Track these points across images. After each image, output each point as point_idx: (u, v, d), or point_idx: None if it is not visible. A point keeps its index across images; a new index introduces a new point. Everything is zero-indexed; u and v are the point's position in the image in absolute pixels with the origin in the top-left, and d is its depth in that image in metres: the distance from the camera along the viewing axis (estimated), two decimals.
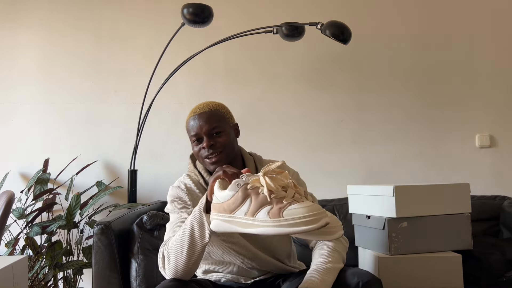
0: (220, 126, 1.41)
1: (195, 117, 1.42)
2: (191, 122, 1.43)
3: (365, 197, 1.86)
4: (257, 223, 1.06)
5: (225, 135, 1.41)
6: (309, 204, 1.02)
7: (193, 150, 1.44)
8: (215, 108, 1.45)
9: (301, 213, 1.01)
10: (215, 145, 1.39)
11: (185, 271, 1.28)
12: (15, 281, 1.43)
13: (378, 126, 2.67)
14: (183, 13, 2.24)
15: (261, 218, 1.06)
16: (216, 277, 1.49)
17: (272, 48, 2.67)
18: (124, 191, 2.53)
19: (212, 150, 1.39)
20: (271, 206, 1.05)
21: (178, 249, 1.27)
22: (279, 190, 1.06)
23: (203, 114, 1.42)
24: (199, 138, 1.41)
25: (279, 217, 1.03)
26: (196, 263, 1.29)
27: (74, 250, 2.43)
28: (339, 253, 1.37)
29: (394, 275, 1.64)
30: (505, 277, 1.81)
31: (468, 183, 1.80)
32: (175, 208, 1.43)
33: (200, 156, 1.42)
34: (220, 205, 1.14)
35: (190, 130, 1.43)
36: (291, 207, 1.03)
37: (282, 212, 1.02)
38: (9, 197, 1.84)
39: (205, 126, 1.40)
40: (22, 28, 2.71)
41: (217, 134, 1.40)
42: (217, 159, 1.39)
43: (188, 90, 2.69)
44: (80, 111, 2.69)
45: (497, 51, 2.70)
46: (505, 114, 2.67)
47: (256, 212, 1.06)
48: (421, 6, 2.72)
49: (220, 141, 1.40)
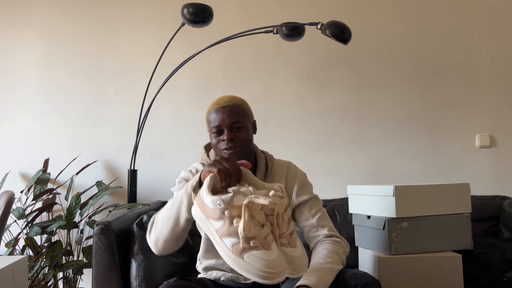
0: (241, 122, 1.44)
1: (218, 109, 1.44)
2: (213, 114, 1.45)
3: (365, 197, 1.86)
4: (222, 246, 1.07)
5: (245, 131, 1.45)
6: (272, 257, 1.02)
7: (212, 141, 1.46)
8: (238, 103, 1.47)
9: (260, 265, 1.01)
10: (235, 139, 1.42)
11: (165, 241, 1.32)
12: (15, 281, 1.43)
13: (378, 126, 2.67)
14: (183, 13, 2.24)
15: (226, 244, 1.06)
16: (216, 275, 1.49)
17: (272, 48, 2.67)
18: (124, 191, 2.53)
19: (232, 144, 1.41)
20: (237, 240, 1.04)
21: (165, 218, 1.31)
22: (249, 230, 1.03)
23: (226, 108, 1.44)
24: (219, 130, 1.43)
25: (239, 256, 1.03)
26: (178, 238, 1.32)
27: (74, 250, 2.43)
28: (338, 255, 1.37)
29: (394, 275, 1.64)
30: (505, 277, 1.81)
31: (468, 183, 1.80)
32: (179, 186, 1.47)
33: (218, 148, 1.45)
34: (202, 203, 1.14)
35: (211, 121, 1.45)
36: (253, 253, 1.02)
37: (244, 254, 1.03)
38: (9, 197, 1.84)
39: (228, 119, 1.42)
40: (22, 28, 2.71)
41: (237, 129, 1.43)
42: (234, 151, 1.41)
43: (188, 90, 2.69)
44: (80, 111, 2.69)
45: (497, 51, 2.70)
46: (505, 114, 2.67)
47: (224, 237, 1.07)
48: (421, 6, 2.72)
49: (240, 136, 1.43)
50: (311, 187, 1.53)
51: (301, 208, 1.49)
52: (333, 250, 1.37)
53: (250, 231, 1.03)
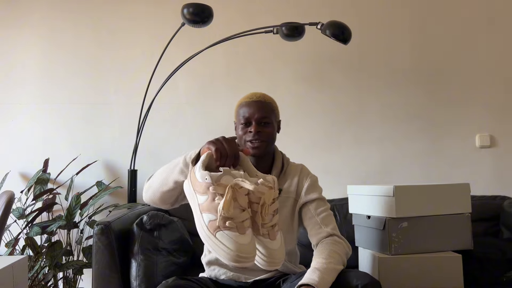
0: (269, 118, 1.51)
1: (250, 103, 1.51)
2: (244, 107, 1.51)
3: (365, 197, 1.86)
4: (200, 220, 1.10)
5: (272, 127, 1.52)
6: (244, 241, 1.04)
7: (238, 132, 1.52)
8: (269, 100, 1.55)
9: (230, 245, 1.03)
10: (261, 133, 1.48)
11: (154, 193, 1.39)
12: (15, 281, 1.43)
13: (378, 126, 2.67)
14: (183, 13, 2.24)
15: (204, 218, 1.09)
16: (217, 273, 1.49)
17: (272, 48, 2.67)
18: (124, 191, 2.53)
19: (257, 136, 1.48)
20: (215, 217, 1.07)
21: (162, 170, 1.39)
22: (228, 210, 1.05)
23: (258, 102, 1.51)
24: (248, 122, 1.49)
25: (212, 232, 1.06)
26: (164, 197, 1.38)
27: (74, 250, 2.43)
28: (340, 256, 1.38)
29: (394, 275, 1.64)
30: (505, 277, 1.81)
31: (468, 183, 1.80)
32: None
33: (243, 139, 1.49)
34: (193, 177, 1.18)
35: (241, 113, 1.51)
36: (226, 233, 1.05)
37: (217, 231, 1.05)
38: (9, 197, 1.84)
39: (258, 113, 1.49)
40: (22, 28, 2.71)
41: (265, 124, 1.50)
42: (258, 145, 1.48)
43: (188, 90, 2.69)
44: (80, 111, 2.68)
45: (497, 51, 2.70)
46: (505, 114, 2.67)
47: (204, 212, 1.10)
48: (421, 6, 2.72)
49: (267, 131, 1.50)
50: (320, 190, 1.58)
51: (307, 206, 1.51)
52: (334, 250, 1.38)
53: (229, 211, 1.05)
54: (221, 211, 1.05)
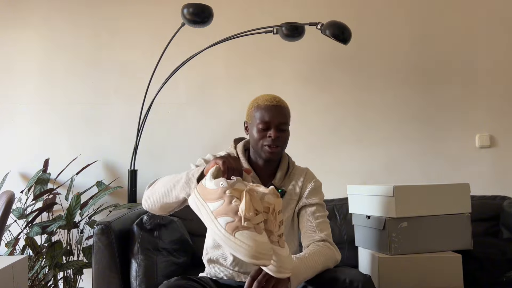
0: (287, 123, 1.51)
1: (271, 108, 1.48)
2: (263, 110, 1.49)
3: (365, 197, 1.86)
4: (215, 224, 1.13)
5: (288, 133, 1.53)
6: (262, 239, 1.07)
7: (253, 135, 1.50)
8: (286, 106, 1.53)
9: (249, 243, 1.06)
10: (280, 138, 1.48)
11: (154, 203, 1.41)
12: (15, 281, 1.43)
13: (378, 126, 2.67)
14: (183, 13, 2.24)
15: (220, 223, 1.12)
16: (217, 270, 1.50)
17: (272, 48, 2.67)
18: (124, 191, 2.53)
19: (276, 142, 1.47)
20: (232, 219, 1.10)
21: (163, 182, 1.39)
22: (249, 210, 1.10)
23: (279, 107, 1.49)
24: (267, 127, 1.48)
25: (231, 233, 1.09)
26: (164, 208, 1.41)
27: (74, 250, 2.43)
28: (325, 259, 1.38)
29: (394, 275, 1.65)
30: (505, 277, 1.81)
31: (468, 183, 1.80)
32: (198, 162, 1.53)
33: (260, 143, 1.49)
34: (203, 187, 1.22)
35: (260, 117, 1.48)
36: (245, 232, 1.08)
37: (236, 231, 1.08)
38: (9, 197, 1.84)
39: (279, 118, 1.48)
40: (22, 28, 2.71)
41: (283, 130, 1.50)
42: (276, 150, 1.48)
43: (188, 90, 2.69)
44: (80, 111, 2.68)
45: (497, 51, 2.70)
46: (505, 114, 2.67)
47: (220, 216, 1.13)
48: (421, 6, 2.72)
49: (284, 136, 1.50)
50: (322, 195, 1.58)
51: (306, 209, 1.52)
52: (322, 252, 1.39)
53: (249, 212, 1.09)
54: (243, 212, 1.09)
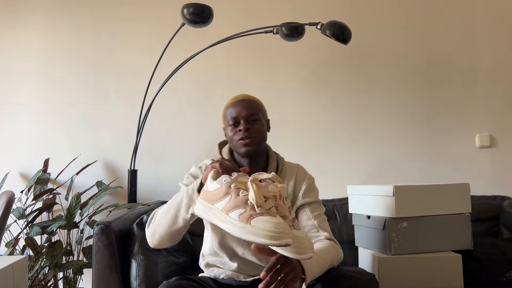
0: (257, 114, 1.51)
1: (235, 103, 1.51)
2: (230, 108, 1.51)
3: (365, 197, 1.86)
4: (228, 220, 1.12)
5: (260, 124, 1.51)
6: (278, 221, 1.06)
7: (227, 134, 1.52)
8: (254, 99, 1.55)
9: (266, 226, 1.05)
10: (251, 129, 1.47)
11: (161, 235, 1.38)
12: (15, 281, 1.43)
13: (378, 126, 2.67)
14: (183, 13, 2.24)
15: (232, 217, 1.11)
16: (216, 273, 1.50)
17: (272, 48, 2.67)
18: (124, 191, 2.53)
19: (247, 133, 1.46)
20: (244, 210, 1.10)
21: (164, 212, 1.37)
22: (259, 198, 1.10)
23: (243, 101, 1.51)
24: (236, 122, 1.49)
25: (246, 222, 1.08)
26: (174, 235, 1.38)
27: (74, 250, 2.43)
28: (332, 257, 1.38)
29: (394, 275, 1.65)
30: (505, 277, 1.81)
31: (468, 183, 1.80)
32: (186, 181, 1.52)
33: (234, 139, 1.49)
34: (206, 192, 1.21)
35: (228, 115, 1.51)
36: (260, 218, 1.07)
37: (251, 220, 1.07)
38: (9, 197, 1.84)
39: (244, 111, 1.49)
40: (22, 28, 2.71)
41: (253, 121, 1.49)
42: (250, 141, 1.47)
43: (188, 90, 2.69)
44: (80, 111, 2.69)
45: (497, 51, 2.70)
46: (505, 114, 2.67)
47: (230, 211, 1.12)
48: (421, 6, 2.72)
49: (256, 127, 1.49)
50: (317, 192, 1.57)
51: (304, 208, 1.52)
52: (330, 251, 1.39)
53: (260, 198, 1.10)
54: (254, 200, 1.09)
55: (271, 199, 1.12)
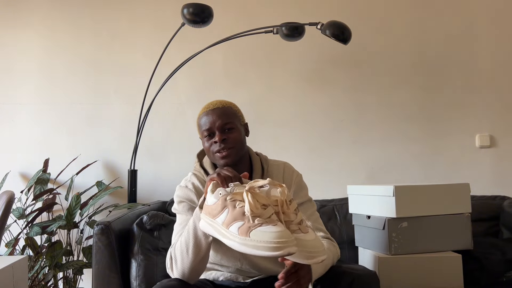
0: (232, 122, 1.44)
1: (208, 112, 1.44)
2: (203, 118, 1.45)
3: (365, 197, 1.86)
4: (229, 235, 1.07)
5: (237, 132, 1.44)
6: (278, 229, 1.01)
7: (204, 145, 1.46)
8: (228, 105, 1.48)
9: (265, 238, 1.00)
10: (227, 140, 1.41)
11: (192, 270, 1.28)
12: (15, 281, 1.43)
13: (378, 126, 2.67)
14: (183, 13, 2.24)
15: (232, 231, 1.06)
16: (215, 275, 1.49)
17: (272, 48, 2.67)
18: (124, 191, 2.53)
19: (224, 144, 1.40)
20: (242, 222, 1.05)
21: (183, 249, 1.27)
22: (256, 207, 1.05)
23: (216, 110, 1.44)
24: (211, 133, 1.43)
25: (246, 235, 1.03)
26: (203, 262, 1.29)
27: (74, 250, 2.43)
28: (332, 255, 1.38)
29: (394, 275, 1.64)
30: (505, 277, 1.81)
31: (468, 183, 1.80)
32: (183, 208, 1.44)
33: (210, 151, 1.43)
34: (207, 207, 1.17)
35: (202, 125, 1.45)
36: (259, 229, 1.02)
37: (250, 232, 1.03)
38: (9, 197, 1.84)
39: (218, 121, 1.42)
40: (22, 28, 2.71)
41: (229, 130, 1.42)
42: (227, 153, 1.40)
43: (188, 90, 2.69)
44: (80, 111, 2.69)
45: (497, 51, 2.70)
46: (505, 114, 2.67)
47: (230, 225, 1.07)
48: (421, 6, 2.72)
49: (232, 137, 1.42)
50: (307, 190, 1.54)
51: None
52: (330, 249, 1.38)
53: (257, 209, 1.04)
54: (249, 212, 1.05)
55: (271, 206, 1.08)
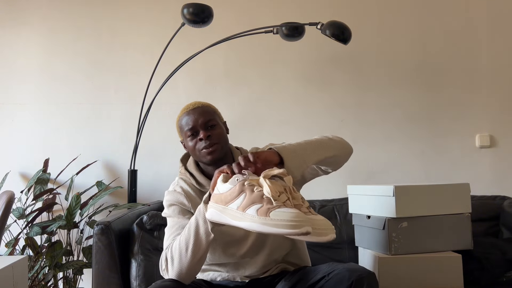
0: (214, 119, 1.46)
1: (189, 113, 1.46)
2: (184, 118, 1.46)
3: (365, 197, 1.86)
4: (245, 217, 1.11)
5: (220, 128, 1.47)
6: (295, 211, 1.07)
7: (188, 146, 1.46)
8: (207, 104, 1.51)
9: (286, 217, 1.05)
10: (212, 136, 1.43)
11: (190, 270, 1.28)
12: (15, 281, 1.43)
13: (378, 126, 2.67)
14: (183, 13, 2.24)
15: (249, 213, 1.11)
16: (213, 276, 1.49)
17: (272, 48, 2.67)
18: (124, 191, 2.53)
19: (209, 141, 1.42)
20: (261, 204, 1.10)
21: (182, 248, 1.27)
22: (274, 192, 1.11)
23: (197, 109, 1.47)
24: (194, 132, 1.44)
25: (266, 216, 1.08)
26: (200, 261, 1.29)
27: (74, 250, 2.43)
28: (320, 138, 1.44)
29: (394, 275, 1.64)
30: (505, 277, 1.81)
31: (468, 183, 1.80)
32: (173, 212, 1.45)
33: (196, 150, 1.44)
34: (218, 195, 1.20)
35: (184, 126, 1.46)
36: (278, 210, 1.08)
37: (270, 212, 1.07)
38: (9, 197, 1.84)
39: (201, 118, 1.44)
40: (22, 27, 2.71)
41: (212, 127, 1.45)
42: (213, 149, 1.42)
43: (188, 90, 2.69)
44: (80, 111, 2.69)
45: (497, 51, 2.70)
46: (505, 114, 2.67)
47: (247, 208, 1.12)
48: (421, 6, 2.72)
49: (216, 133, 1.44)
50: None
51: None
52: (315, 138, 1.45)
53: (276, 192, 1.10)
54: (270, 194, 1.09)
55: (284, 193, 1.13)
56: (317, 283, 1.28)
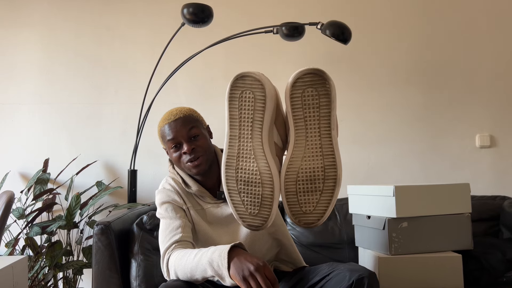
0: (197, 129, 1.43)
1: (171, 123, 1.43)
2: (166, 130, 1.43)
3: (365, 197, 1.86)
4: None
5: (203, 138, 1.43)
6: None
7: (172, 157, 1.44)
8: (188, 113, 1.46)
9: None
10: (196, 149, 1.40)
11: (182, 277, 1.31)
12: (15, 281, 1.43)
13: (378, 126, 2.67)
14: (183, 13, 2.24)
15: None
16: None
17: (272, 48, 2.67)
18: (124, 191, 2.53)
19: (194, 154, 1.40)
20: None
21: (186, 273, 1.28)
22: None
23: (178, 120, 1.43)
24: (177, 143, 1.41)
25: None
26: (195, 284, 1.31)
27: (74, 250, 2.43)
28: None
29: (394, 275, 1.65)
30: (505, 277, 1.81)
31: (468, 183, 1.80)
32: (166, 211, 1.44)
33: (181, 162, 1.42)
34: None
35: (166, 136, 1.43)
36: None
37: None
38: (9, 197, 1.84)
39: (183, 130, 1.41)
40: (22, 27, 2.72)
41: (195, 138, 1.42)
42: (199, 162, 1.40)
43: (188, 90, 2.69)
44: (80, 111, 2.69)
45: (497, 51, 2.70)
46: (505, 114, 2.67)
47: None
48: (421, 6, 2.72)
49: (200, 144, 1.41)
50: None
51: None
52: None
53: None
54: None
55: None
56: (317, 283, 1.28)
